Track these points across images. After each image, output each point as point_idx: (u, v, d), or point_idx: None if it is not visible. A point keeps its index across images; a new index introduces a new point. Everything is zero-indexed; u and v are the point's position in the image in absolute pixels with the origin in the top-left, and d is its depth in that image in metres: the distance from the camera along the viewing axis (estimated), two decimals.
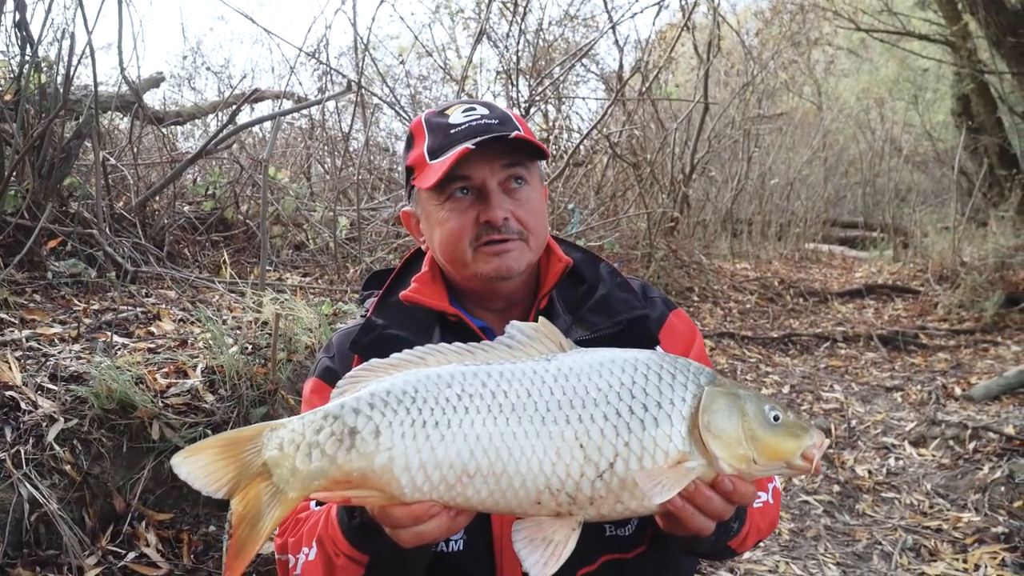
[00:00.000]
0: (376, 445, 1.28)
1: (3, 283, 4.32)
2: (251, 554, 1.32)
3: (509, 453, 1.27)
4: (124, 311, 4.45)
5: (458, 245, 1.71)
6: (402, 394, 1.31)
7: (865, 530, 4.71)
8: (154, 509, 2.98)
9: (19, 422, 2.85)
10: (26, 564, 2.52)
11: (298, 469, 1.29)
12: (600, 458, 1.28)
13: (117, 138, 7.44)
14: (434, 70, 11.70)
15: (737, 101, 12.26)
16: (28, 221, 4.83)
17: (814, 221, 15.26)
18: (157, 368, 3.40)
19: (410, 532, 1.31)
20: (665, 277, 8.60)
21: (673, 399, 1.32)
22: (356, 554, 1.46)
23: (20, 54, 5.17)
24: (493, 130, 1.69)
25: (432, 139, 1.73)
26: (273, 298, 3.96)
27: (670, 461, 1.29)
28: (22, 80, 5.12)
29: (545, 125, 10.63)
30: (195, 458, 1.29)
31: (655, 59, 10.13)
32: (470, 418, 1.29)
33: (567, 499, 1.29)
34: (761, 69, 12.60)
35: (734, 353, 7.25)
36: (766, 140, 14.33)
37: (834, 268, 13.03)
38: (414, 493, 1.28)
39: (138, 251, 5.42)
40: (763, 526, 1.73)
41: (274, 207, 6.68)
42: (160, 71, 9.75)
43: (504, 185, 1.71)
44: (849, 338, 8.15)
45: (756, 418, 1.32)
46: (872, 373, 7.20)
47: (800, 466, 1.32)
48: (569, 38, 11.01)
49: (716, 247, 12.10)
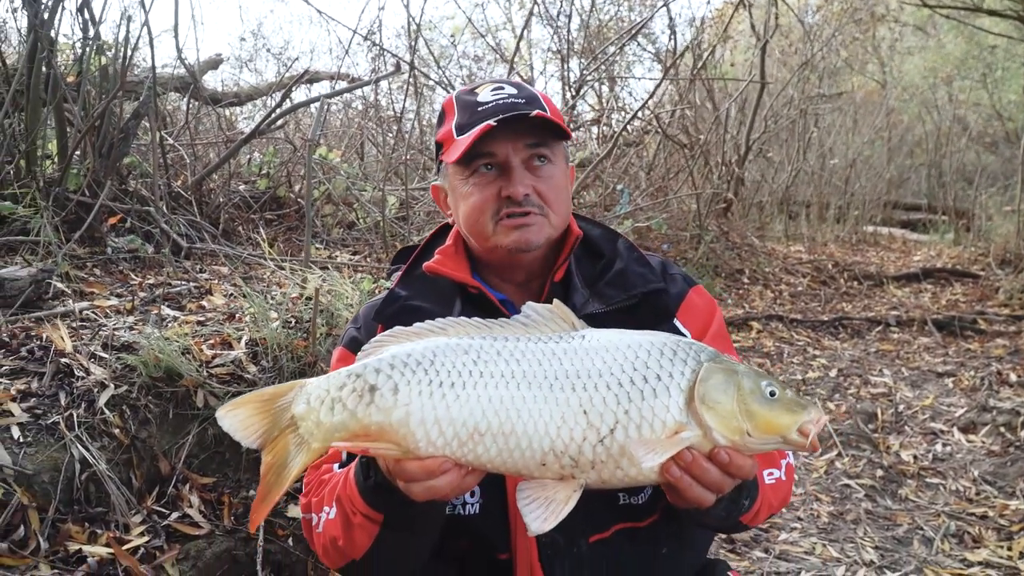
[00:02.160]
0: (394, 401, 1.37)
1: (66, 257, 4.52)
2: (275, 499, 1.45)
3: (518, 415, 1.36)
4: (178, 285, 4.62)
5: (480, 218, 1.77)
6: (421, 357, 1.40)
7: (907, 515, 4.68)
8: (198, 472, 3.12)
9: (73, 388, 3.00)
10: (76, 520, 2.67)
11: (322, 422, 1.39)
12: (601, 424, 1.35)
13: (177, 119, 7.66)
14: (489, 51, 11.72)
15: (796, 80, 12.02)
16: (89, 198, 5.03)
17: (875, 203, 14.91)
18: (203, 340, 3.54)
19: (422, 486, 1.38)
20: (715, 259, 8.53)
21: (672, 372, 1.38)
22: (371, 512, 1.53)
23: (83, 37, 5.36)
24: (519, 108, 1.74)
25: (460, 116, 1.79)
26: (317, 274, 4.07)
27: (667, 431, 1.36)
28: (84, 62, 5.32)
29: (598, 105, 10.61)
30: (235, 412, 1.43)
31: (709, 38, 10.01)
32: (484, 382, 1.37)
33: (570, 462, 1.36)
34: (822, 47, 12.33)
35: (782, 336, 7.18)
36: (826, 120, 14.03)
37: (892, 251, 12.74)
38: (428, 447, 1.36)
39: (193, 228, 5.59)
40: (775, 502, 1.76)
41: (325, 187, 6.81)
42: (219, 53, 9.96)
43: (527, 162, 1.76)
44: (903, 322, 7.99)
45: (752, 393, 1.37)
46: (924, 358, 7.07)
47: (796, 441, 1.36)
48: (624, 17, 10.96)
49: (771, 229, 11.92)
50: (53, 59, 5.09)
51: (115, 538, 2.65)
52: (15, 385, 2.96)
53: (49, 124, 5.36)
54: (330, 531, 1.63)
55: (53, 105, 5.11)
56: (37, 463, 2.70)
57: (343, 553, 1.63)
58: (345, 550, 1.62)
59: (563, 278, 1.85)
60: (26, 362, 3.13)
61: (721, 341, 1.90)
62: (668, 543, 1.81)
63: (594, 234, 1.95)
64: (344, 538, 1.60)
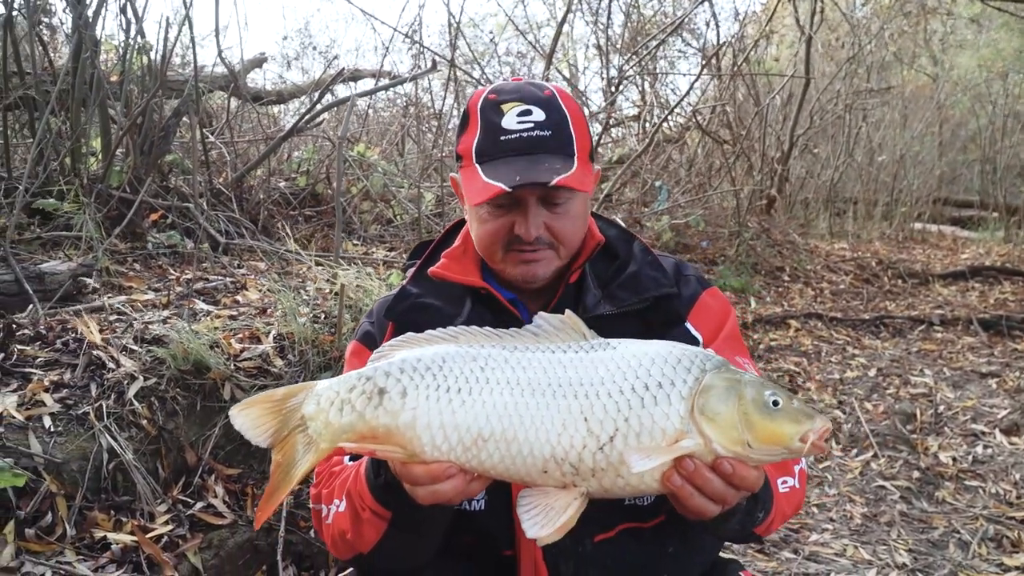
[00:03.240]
0: (402, 404, 1.39)
1: (106, 252, 4.65)
2: (281, 498, 1.48)
3: (520, 422, 1.36)
4: (214, 281, 4.72)
5: (490, 246, 1.76)
6: (431, 363, 1.42)
7: (943, 518, 4.58)
8: (223, 464, 3.19)
9: (103, 379, 3.09)
10: (102, 507, 2.75)
11: (331, 422, 1.42)
12: (601, 431, 1.35)
13: (220, 117, 7.80)
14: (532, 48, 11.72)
15: (843, 75, 11.80)
16: (130, 195, 5.16)
17: (924, 200, 14.58)
18: (232, 333, 3.61)
19: (427, 490, 1.39)
20: (754, 256, 8.43)
21: (675, 380, 1.37)
22: (380, 509, 1.55)
23: (125, 37, 5.50)
24: (543, 146, 1.70)
25: (482, 138, 1.74)
26: (347, 270, 4.13)
27: (668, 439, 1.34)
28: (126, 62, 5.45)
29: (641, 101, 10.55)
30: (248, 411, 1.45)
31: (752, 32, 9.89)
32: (489, 388, 1.38)
33: (571, 469, 1.36)
34: (870, 40, 12.09)
35: (820, 335, 7.07)
36: (875, 115, 13.76)
37: (940, 249, 12.45)
38: (433, 452, 1.37)
39: (232, 224, 5.70)
40: (788, 510, 1.73)
41: (363, 183, 6.88)
42: (263, 52, 10.12)
43: (545, 198, 1.72)
44: (947, 321, 7.81)
45: (753, 402, 1.35)
46: (968, 358, 6.90)
47: (798, 449, 1.34)
48: (668, 13, 10.87)
49: (815, 226, 11.73)
50: (97, 59, 5.22)
51: (139, 526, 2.72)
52: (48, 376, 3.05)
53: (95, 122, 5.50)
54: (339, 524, 1.66)
55: (97, 104, 5.24)
56: (66, 452, 2.78)
57: (351, 546, 1.65)
58: (353, 543, 1.64)
59: (577, 280, 1.85)
60: (60, 354, 3.22)
61: (733, 343, 1.88)
62: (674, 543, 1.80)
63: (610, 235, 1.94)
64: (352, 532, 1.63)
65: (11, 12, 4.81)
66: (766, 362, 6.28)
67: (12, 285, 3.79)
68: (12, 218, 4.53)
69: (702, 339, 1.82)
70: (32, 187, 4.79)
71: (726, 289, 7.47)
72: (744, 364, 1.82)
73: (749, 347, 6.47)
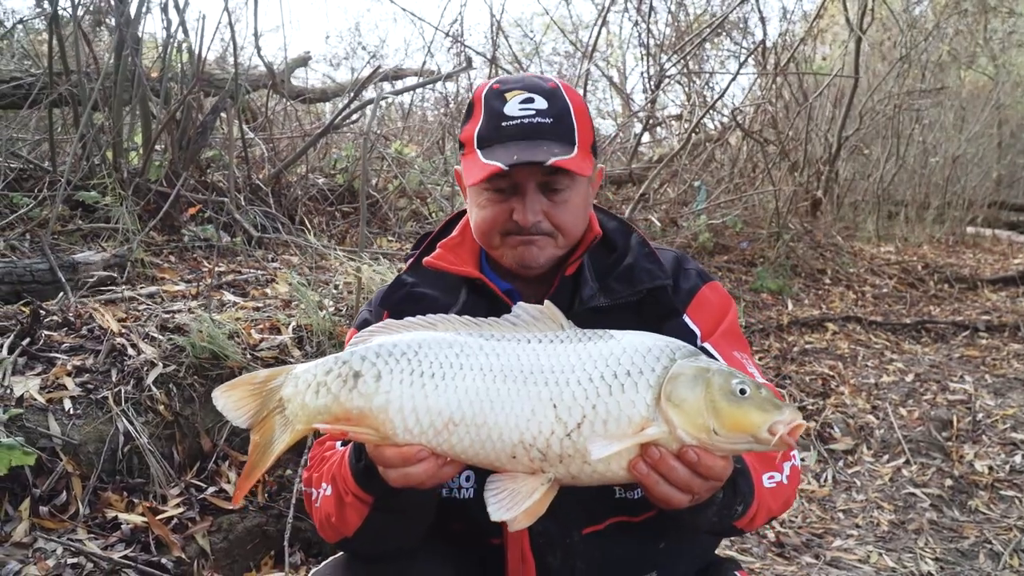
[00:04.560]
0: (376, 387, 1.42)
1: (142, 244, 4.78)
2: (258, 476, 1.56)
3: (491, 407, 1.38)
4: (246, 273, 4.82)
5: (489, 232, 1.78)
6: (407, 348, 1.45)
7: (975, 527, 4.47)
8: (238, 450, 3.26)
9: (124, 365, 3.19)
10: (116, 489, 2.84)
11: (307, 404, 1.46)
12: (569, 418, 1.36)
13: (262, 114, 7.94)
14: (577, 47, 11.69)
15: (895, 74, 11.54)
16: (167, 189, 5.29)
17: (980, 203, 14.18)
18: (253, 324, 3.68)
19: (398, 472, 1.42)
20: (794, 258, 8.30)
21: (643, 368, 1.38)
22: (362, 493, 1.58)
23: (166, 35, 5.65)
24: (542, 132, 1.71)
25: (484, 124, 1.76)
26: (368, 264, 4.18)
27: (634, 427, 1.35)
28: (165, 59, 5.60)
29: (687, 101, 10.46)
30: (229, 393, 1.51)
31: (799, 31, 9.74)
32: (462, 374, 1.41)
33: (538, 455, 1.38)
34: (925, 38, 11.80)
35: (858, 338, 6.94)
36: (930, 115, 13.42)
37: (992, 254, 12.11)
38: (405, 434, 1.40)
39: (268, 219, 5.81)
40: (774, 506, 1.70)
41: (399, 180, 6.95)
42: (308, 51, 10.27)
43: (544, 185, 1.74)
44: (993, 327, 7.59)
45: (720, 390, 1.35)
46: (1013, 365, 6.71)
47: (766, 440, 1.33)
48: (717, 12, 10.76)
49: (863, 229, 11.49)
50: (138, 56, 5.37)
51: (150, 508, 2.80)
52: (72, 361, 3.16)
53: (136, 118, 5.66)
54: (325, 508, 1.69)
55: (137, 100, 5.39)
56: (84, 434, 2.88)
57: (337, 530, 1.68)
58: (338, 527, 1.67)
59: (575, 272, 1.85)
60: (85, 340, 3.33)
61: (732, 338, 1.87)
62: (667, 539, 1.80)
63: (610, 227, 1.94)
64: (337, 516, 1.65)
65: (56, 10, 4.96)
66: (799, 364, 6.18)
67: (47, 274, 3.93)
68: (53, 210, 4.69)
69: (700, 333, 1.82)
70: (74, 180, 4.95)
71: (763, 291, 7.37)
72: (743, 359, 1.81)
73: (782, 349, 6.38)
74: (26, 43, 6.93)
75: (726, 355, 1.77)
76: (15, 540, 2.54)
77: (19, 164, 5.31)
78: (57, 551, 2.53)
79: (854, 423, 5.48)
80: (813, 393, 5.83)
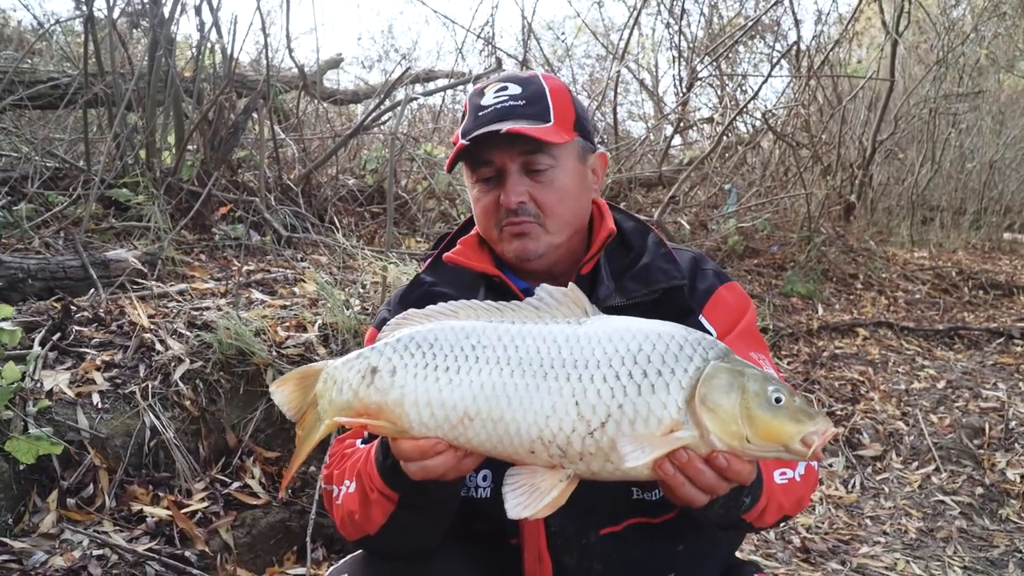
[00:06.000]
0: (391, 382, 1.43)
1: (172, 243, 4.84)
2: (294, 468, 1.62)
3: (508, 402, 1.36)
4: (275, 272, 4.86)
5: (486, 224, 1.80)
6: (423, 340, 1.45)
7: (1006, 536, 4.40)
8: (263, 447, 3.29)
9: (152, 361, 3.23)
10: (142, 482, 2.88)
11: (333, 400, 1.49)
12: (592, 417, 1.33)
13: (294, 115, 8.02)
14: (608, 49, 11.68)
15: (931, 78, 11.37)
16: (199, 188, 5.36)
17: (1018, 209, 13.92)
18: (280, 322, 3.72)
19: (417, 465, 1.43)
20: (825, 262, 8.20)
21: (675, 368, 1.34)
22: (388, 491, 1.59)
23: (199, 36, 5.72)
24: (515, 113, 1.74)
25: (467, 119, 1.80)
26: (395, 263, 4.21)
27: (662, 428, 1.32)
28: (199, 60, 5.67)
29: (719, 104, 10.40)
30: (280, 388, 1.57)
31: (834, 33, 9.64)
32: (478, 367, 1.39)
33: (558, 451, 1.35)
34: (963, 41, 11.62)
35: (889, 344, 6.84)
36: (967, 119, 13.20)
37: None
38: (420, 428, 1.40)
39: (298, 219, 5.86)
40: (786, 503, 1.67)
41: (428, 182, 6.99)
42: (340, 53, 10.36)
43: (525, 167, 1.75)
44: None
45: (756, 397, 1.31)
46: None
47: (799, 451, 1.30)
48: (751, 15, 10.69)
49: (897, 234, 11.33)
50: (172, 57, 5.45)
51: (175, 502, 2.84)
52: (101, 356, 3.21)
53: (169, 117, 5.74)
54: (348, 505, 1.69)
55: (170, 100, 5.47)
56: (111, 428, 2.92)
57: (359, 527, 1.69)
58: (361, 524, 1.67)
59: (591, 271, 1.85)
60: (115, 336, 3.38)
61: (749, 338, 1.85)
62: (686, 541, 1.79)
63: (627, 227, 1.94)
64: (361, 513, 1.66)
65: (92, 11, 5.05)
66: (828, 369, 6.11)
67: (79, 271, 3.99)
68: (87, 208, 4.77)
69: (716, 333, 1.80)
70: (108, 179, 5.03)
71: (792, 295, 7.30)
72: (760, 360, 1.79)
73: (812, 354, 6.31)
74: (63, 44, 7.06)
75: (743, 355, 1.75)
76: (42, 531, 2.59)
77: (55, 163, 5.40)
78: (83, 543, 2.57)
79: (883, 429, 5.41)
80: (842, 399, 5.76)
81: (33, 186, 4.93)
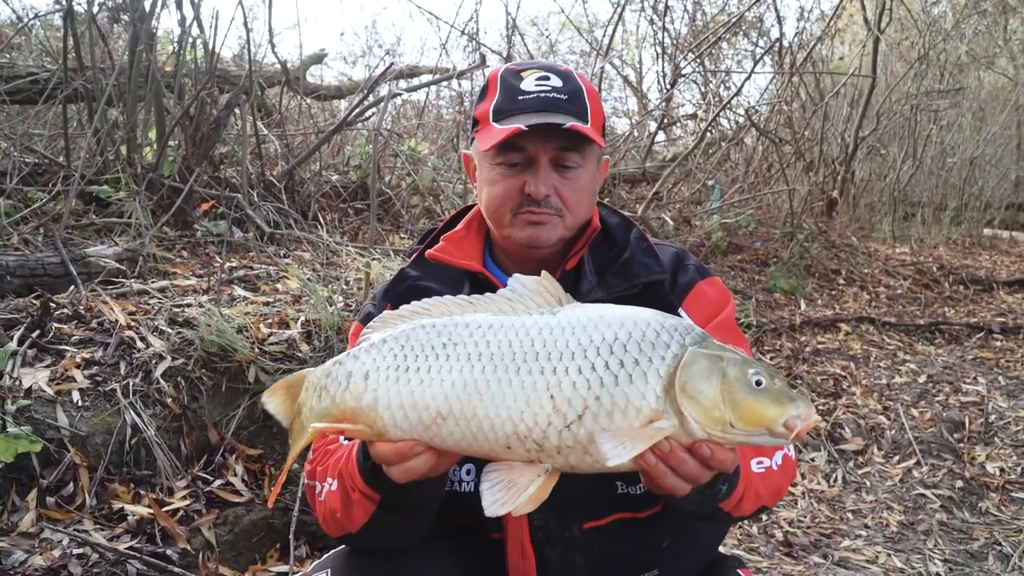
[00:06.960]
0: (365, 386, 1.42)
1: (154, 239, 4.80)
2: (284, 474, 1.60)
3: (480, 399, 1.34)
4: (257, 269, 4.84)
5: (500, 207, 1.79)
6: (394, 342, 1.44)
7: (985, 529, 4.44)
8: (245, 444, 3.28)
9: (132, 358, 3.21)
10: (123, 480, 2.86)
11: (313, 407, 1.48)
12: (568, 410, 1.31)
13: (277, 110, 7.98)
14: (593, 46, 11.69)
15: (912, 74, 11.46)
16: (180, 184, 5.32)
17: (998, 205, 14.07)
18: (262, 319, 3.70)
19: (399, 468, 1.42)
20: (808, 258, 8.25)
21: (652, 357, 1.31)
22: (369, 491, 1.58)
23: (180, 30, 5.68)
24: (559, 106, 1.75)
25: (500, 99, 1.79)
26: (377, 259, 4.19)
27: (641, 419, 1.29)
28: (180, 55, 5.63)
29: (702, 100, 10.43)
30: (273, 396, 1.57)
31: (813, 30, 9.69)
32: (449, 365, 1.37)
33: (534, 446, 1.33)
34: (943, 38, 11.72)
35: (871, 339, 6.89)
36: (948, 115, 13.31)
37: (1009, 256, 11.99)
38: (395, 431, 1.39)
39: (281, 215, 5.83)
40: (763, 492, 1.68)
41: (412, 178, 6.97)
42: (323, 48, 10.31)
43: (555, 161, 1.76)
44: (1008, 330, 7.53)
45: (737, 381, 1.29)
46: None
47: (781, 434, 1.29)
48: (734, 10, 10.73)
49: (879, 230, 11.42)
50: (152, 52, 5.40)
51: (157, 500, 2.82)
52: (81, 353, 3.18)
53: (150, 113, 5.69)
54: (330, 503, 1.69)
55: (151, 95, 5.42)
56: (91, 426, 2.90)
57: (341, 525, 1.69)
58: (343, 522, 1.68)
59: (576, 266, 1.86)
60: (95, 333, 3.36)
61: (727, 331, 1.86)
62: (670, 536, 1.79)
63: (611, 223, 1.95)
64: (342, 511, 1.66)
65: (72, 6, 5.00)
66: (811, 364, 6.15)
67: (58, 267, 3.96)
68: (67, 204, 4.72)
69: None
70: (88, 175, 4.98)
71: (775, 291, 7.34)
72: None
73: (794, 349, 6.35)
74: (43, 39, 6.99)
75: None
76: (21, 530, 2.56)
77: (34, 159, 5.35)
78: (63, 541, 2.55)
79: (865, 424, 5.45)
80: (824, 393, 5.80)
81: (12, 182, 4.87)
